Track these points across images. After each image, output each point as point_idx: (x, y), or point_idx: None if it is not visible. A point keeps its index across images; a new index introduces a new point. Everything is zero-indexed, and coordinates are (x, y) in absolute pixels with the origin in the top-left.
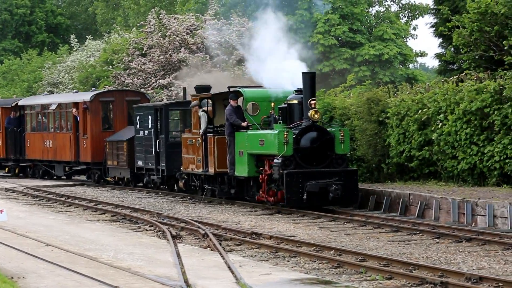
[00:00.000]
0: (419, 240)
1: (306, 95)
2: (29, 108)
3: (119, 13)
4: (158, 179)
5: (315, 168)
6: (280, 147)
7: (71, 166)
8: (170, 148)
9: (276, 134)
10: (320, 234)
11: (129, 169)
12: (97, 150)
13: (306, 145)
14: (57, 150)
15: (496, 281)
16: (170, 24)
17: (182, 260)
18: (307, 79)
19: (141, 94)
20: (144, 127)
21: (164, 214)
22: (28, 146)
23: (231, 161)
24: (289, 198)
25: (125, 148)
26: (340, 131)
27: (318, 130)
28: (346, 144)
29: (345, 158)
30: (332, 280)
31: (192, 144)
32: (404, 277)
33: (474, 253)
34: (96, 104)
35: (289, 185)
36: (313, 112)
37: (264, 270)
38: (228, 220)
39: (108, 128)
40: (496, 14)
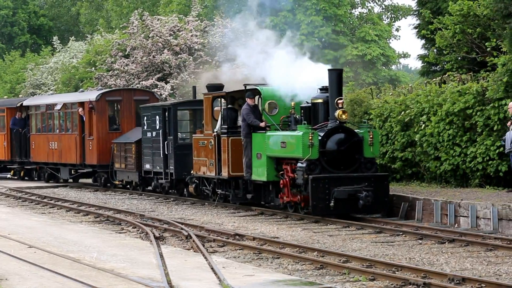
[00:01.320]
0: (402, 241)
1: (332, 94)
2: (34, 108)
3: (102, 14)
4: (167, 183)
5: (343, 172)
6: (304, 150)
7: (76, 169)
8: (179, 150)
9: (301, 136)
10: (303, 236)
11: (137, 172)
12: (103, 152)
13: (332, 148)
14: (62, 152)
15: (478, 282)
16: (153, 25)
17: (165, 262)
18: (334, 77)
19: (150, 93)
20: (152, 128)
21: (147, 216)
22: (33, 148)
23: (247, 164)
24: (315, 205)
25: (134, 150)
26: (369, 133)
27: (346, 131)
28: (375, 147)
29: (374, 162)
30: (315, 281)
31: (204, 146)
32: (387, 278)
33: (457, 254)
34: (103, 104)
35: (315, 191)
36: (341, 112)
37: (247, 271)
38: (211, 222)
39: (115, 129)
40: (478, 16)
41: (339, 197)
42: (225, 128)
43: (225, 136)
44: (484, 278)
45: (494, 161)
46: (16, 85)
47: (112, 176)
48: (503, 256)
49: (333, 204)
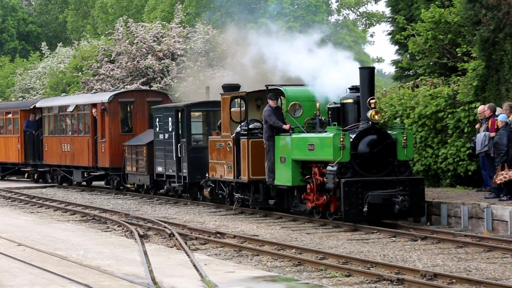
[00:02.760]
0: (377, 238)
1: (364, 94)
2: (46, 110)
3: (88, 21)
4: (180, 187)
5: (376, 176)
6: (335, 153)
7: (89, 172)
8: (192, 152)
9: (331, 138)
10: (281, 234)
11: (148, 176)
12: (116, 154)
13: (364, 150)
14: (75, 154)
15: (450, 278)
16: (137, 32)
17: (149, 259)
18: (366, 75)
19: (163, 94)
20: (164, 130)
21: (132, 215)
22: (46, 151)
23: (270, 169)
24: (347, 210)
25: (145, 153)
26: (403, 134)
27: (378, 133)
28: (409, 149)
29: (408, 165)
30: (293, 277)
31: (222, 148)
32: (362, 274)
33: (429, 251)
34: (115, 105)
35: (348, 196)
36: (373, 113)
37: (228, 268)
38: (193, 220)
39: (128, 131)
40: (449, 23)
41: (373, 202)
42: (245, 129)
43: (245, 138)
44: (455, 273)
45: (464, 162)
46: (6, 89)
47: (124, 179)
48: (473, 252)
49: (367, 210)
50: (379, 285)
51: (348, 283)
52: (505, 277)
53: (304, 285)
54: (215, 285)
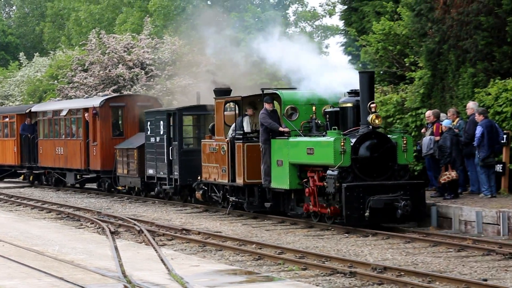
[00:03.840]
0: (331, 235)
1: (363, 98)
2: (41, 114)
3: (63, 32)
4: (171, 189)
5: (376, 180)
6: (336, 157)
7: (81, 174)
8: (184, 155)
9: (332, 142)
10: (243, 230)
11: (139, 178)
12: (107, 157)
13: (365, 154)
14: (68, 157)
15: (398, 271)
16: (109, 43)
17: (120, 254)
18: (365, 79)
19: (153, 98)
20: (156, 134)
21: (103, 213)
22: (41, 153)
23: (266, 172)
24: (349, 215)
25: (136, 156)
26: (403, 138)
27: (379, 137)
28: (409, 153)
29: (408, 169)
30: (254, 271)
31: (216, 152)
32: (317, 268)
33: (379, 246)
34: (106, 110)
35: (349, 201)
36: (374, 117)
37: (193, 262)
38: (161, 218)
39: (119, 135)
40: (398, 35)
41: (375, 206)
42: (240, 133)
43: (240, 142)
44: (403, 267)
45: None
46: None
47: (115, 182)
48: (420, 247)
49: (368, 214)
50: (333, 277)
51: (304, 276)
52: (449, 270)
53: (264, 278)
54: (181, 278)
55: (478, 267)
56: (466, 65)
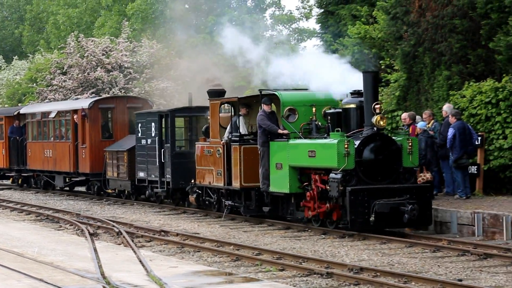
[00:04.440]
0: (308, 236)
1: (367, 99)
2: (30, 116)
3: (42, 36)
4: (163, 192)
5: (380, 184)
6: (340, 160)
7: (70, 177)
8: (176, 158)
9: (336, 144)
10: (221, 232)
11: (130, 181)
12: (96, 160)
13: (369, 157)
14: (57, 160)
15: (374, 271)
16: (87, 46)
17: (99, 255)
18: (369, 80)
19: (143, 100)
20: (147, 136)
21: (82, 215)
22: (30, 156)
23: (264, 175)
24: (353, 220)
25: (126, 159)
26: (408, 141)
27: (384, 139)
28: (414, 156)
29: (413, 172)
30: (232, 272)
31: (211, 154)
32: (294, 269)
33: (355, 247)
34: (95, 112)
35: (354, 205)
36: (379, 118)
37: (172, 263)
38: (139, 220)
39: (108, 137)
40: (374, 38)
41: (380, 210)
42: (237, 136)
43: (237, 145)
44: (379, 267)
45: None
46: None
47: (105, 185)
48: (395, 248)
49: (374, 219)
50: (310, 278)
51: (281, 277)
52: (425, 270)
53: (241, 279)
54: (159, 279)
55: (453, 268)
56: (441, 68)
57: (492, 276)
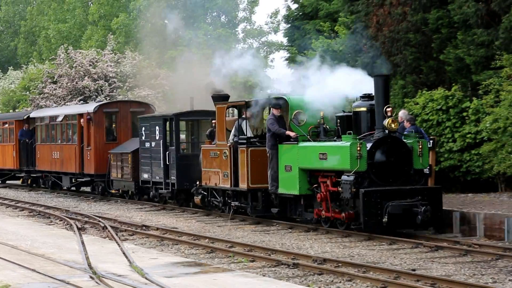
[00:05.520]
0: (276, 230)
1: (378, 102)
2: (39, 120)
3: (35, 48)
4: (168, 193)
5: (392, 185)
6: (352, 162)
7: (76, 178)
8: (181, 160)
9: (348, 147)
10: (197, 226)
11: (133, 182)
12: (100, 162)
13: (381, 159)
14: (63, 161)
15: (337, 262)
16: (76, 57)
17: (86, 248)
18: (380, 83)
19: (146, 105)
20: (151, 139)
21: (71, 211)
22: (38, 158)
23: (273, 177)
24: (366, 221)
25: (130, 160)
26: (418, 143)
27: (395, 141)
28: (425, 158)
29: (423, 174)
30: (207, 263)
31: (217, 157)
32: (264, 260)
33: (319, 240)
34: (100, 115)
35: (367, 206)
36: (390, 121)
37: (152, 255)
38: (123, 215)
39: (112, 140)
40: (335, 51)
41: (393, 212)
42: (243, 138)
43: (244, 147)
44: (341, 258)
45: None
46: None
47: (109, 185)
48: (355, 241)
49: (387, 220)
50: (278, 268)
51: (252, 267)
52: (382, 261)
53: (216, 269)
54: (141, 270)
55: (408, 259)
56: (397, 78)
57: (442, 266)
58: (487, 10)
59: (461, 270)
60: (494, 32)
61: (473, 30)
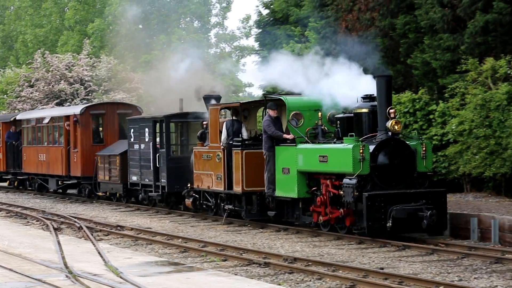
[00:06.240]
0: (248, 230)
1: (381, 103)
2: (25, 122)
3: (12, 53)
4: (158, 196)
5: (395, 189)
6: (355, 165)
7: (63, 180)
8: (171, 163)
9: (351, 149)
10: (170, 226)
11: (121, 184)
12: (87, 164)
13: (384, 162)
14: (50, 163)
15: (307, 261)
16: (52, 61)
17: (62, 248)
18: (383, 84)
19: (133, 106)
20: (141, 140)
21: (47, 211)
22: (25, 160)
23: (269, 180)
24: (371, 226)
25: (118, 163)
26: (422, 145)
27: (398, 144)
28: (428, 160)
29: (427, 177)
30: (180, 262)
31: (210, 159)
32: (236, 259)
33: (290, 240)
34: (87, 117)
35: (371, 210)
36: (394, 123)
37: (127, 255)
38: (98, 216)
39: (99, 142)
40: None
41: (398, 216)
42: (238, 141)
43: (239, 150)
44: (311, 257)
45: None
46: None
47: (95, 188)
48: (325, 240)
49: (391, 225)
50: (250, 267)
51: (224, 266)
52: (351, 260)
53: (189, 268)
54: (116, 269)
55: (376, 257)
56: None
57: (410, 264)
58: (453, 16)
59: (428, 268)
60: (459, 37)
61: (440, 35)
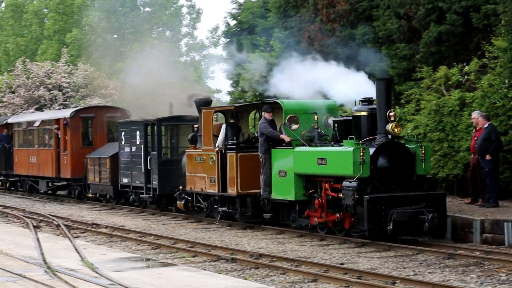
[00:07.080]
0: (216, 228)
1: (381, 106)
2: (17, 125)
3: None
4: (149, 198)
5: (395, 192)
6: (355, 168)
7: (53, 182)
8: (162, 165)
9: (351, 152)
10: (143, 224)
11: (112, 186)
12: (77, 166)
13: (384, 164)
14: (40, 166)
15: (271, 257)
16: (32, 69)
17: (41, 244)
18: (382, 87)
19: (121, 110)
20: (132, 143)
21: (27, 210)
22: (16, 162)
23: (266, 182)
24: (371, 229)
25: (108, 165)
26: (421, 148)
27: (398, 146)
28: (427, 163)
29: (426, 180)
30: (152, 258)
31: (203, 162)
32: (205, 255)
33: (255, 237)
34: (76, 120)
35: (372, 214)
36: (393, 126)
37: (102, 251)
38: (75, 214)
39: (88, 144)
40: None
41: (399, 219)
42: (233, 144)
43: (233, 152)
44: (275, 253)
45: None
46: None
47: (85, 189)
48: (289, 237)
49: (392, 228)
50: (218, 263)
51: (194, 262)
52: (313, 256)
53: (160, 264)
54: (92, 264)
55: (336, 253)
56: None
57: (368, 260)
58: (409, 27)
59: (385, 263)
60: (415, 46)
61: (396, 45)
